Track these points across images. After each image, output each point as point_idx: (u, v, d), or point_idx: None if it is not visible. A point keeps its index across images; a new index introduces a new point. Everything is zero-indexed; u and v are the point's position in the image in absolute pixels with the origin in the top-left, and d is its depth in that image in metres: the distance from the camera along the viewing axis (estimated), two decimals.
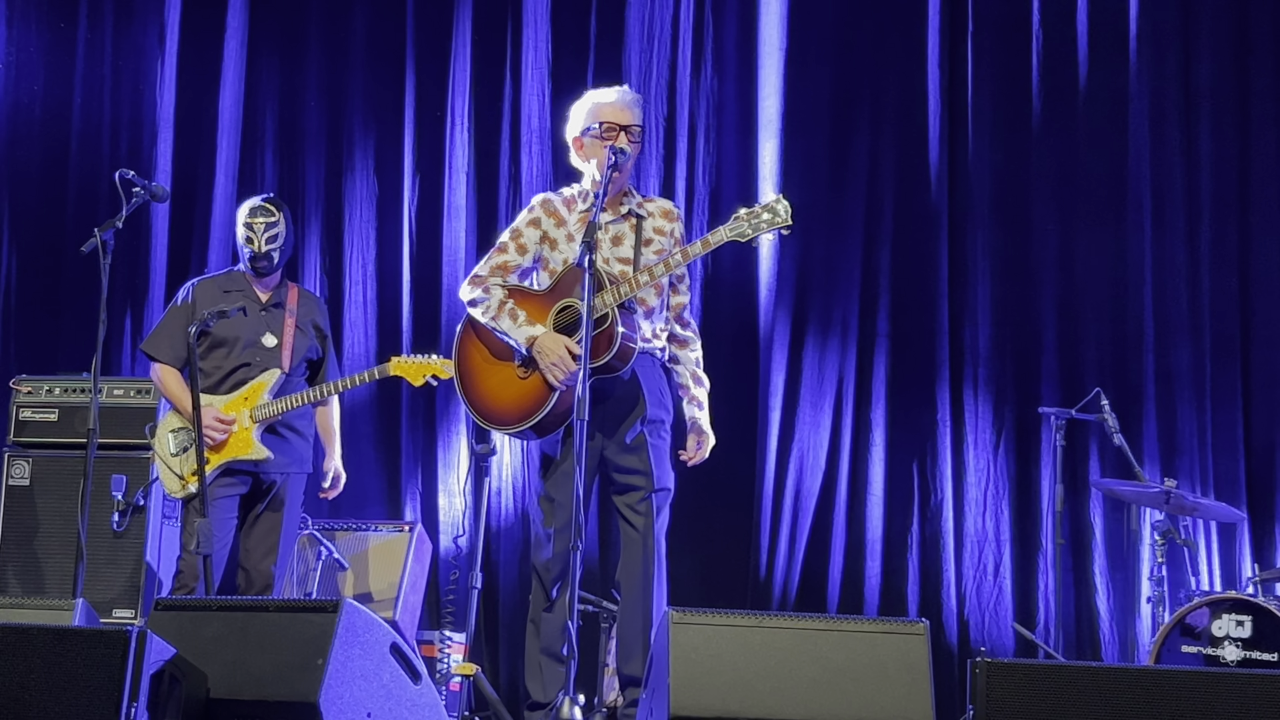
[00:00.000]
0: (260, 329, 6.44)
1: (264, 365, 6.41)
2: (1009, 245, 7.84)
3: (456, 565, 7.56)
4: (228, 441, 6.26)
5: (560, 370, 5.32)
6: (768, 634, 4.19)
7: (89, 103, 8.71)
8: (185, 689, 4.29)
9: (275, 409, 6.36)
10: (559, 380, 5.32)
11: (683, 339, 5.74)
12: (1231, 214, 7.69)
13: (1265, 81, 7.74)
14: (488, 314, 5.54)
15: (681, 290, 5.75)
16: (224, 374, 6.38)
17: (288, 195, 7.72)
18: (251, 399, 6.36)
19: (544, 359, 5.36)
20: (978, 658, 4.11)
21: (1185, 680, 4.06)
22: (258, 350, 6.42)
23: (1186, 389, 7.56)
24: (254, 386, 6.39)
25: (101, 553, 6.84)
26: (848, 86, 8.07)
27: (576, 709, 4.72)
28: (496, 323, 5.51)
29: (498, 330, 5.52)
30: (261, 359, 6.41)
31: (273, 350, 6.44)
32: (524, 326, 5.46)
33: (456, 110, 8.37)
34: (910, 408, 7.76)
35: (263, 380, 6.40)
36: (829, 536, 7.67)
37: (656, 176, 7.94)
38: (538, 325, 5.45)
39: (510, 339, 5.48)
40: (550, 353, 5.36)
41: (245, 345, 6.40)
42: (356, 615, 4.40)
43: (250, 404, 6.34)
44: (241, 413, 6.33)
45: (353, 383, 6.54)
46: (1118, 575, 7.43)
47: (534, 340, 5.41)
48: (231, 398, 6.34)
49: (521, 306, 5.52)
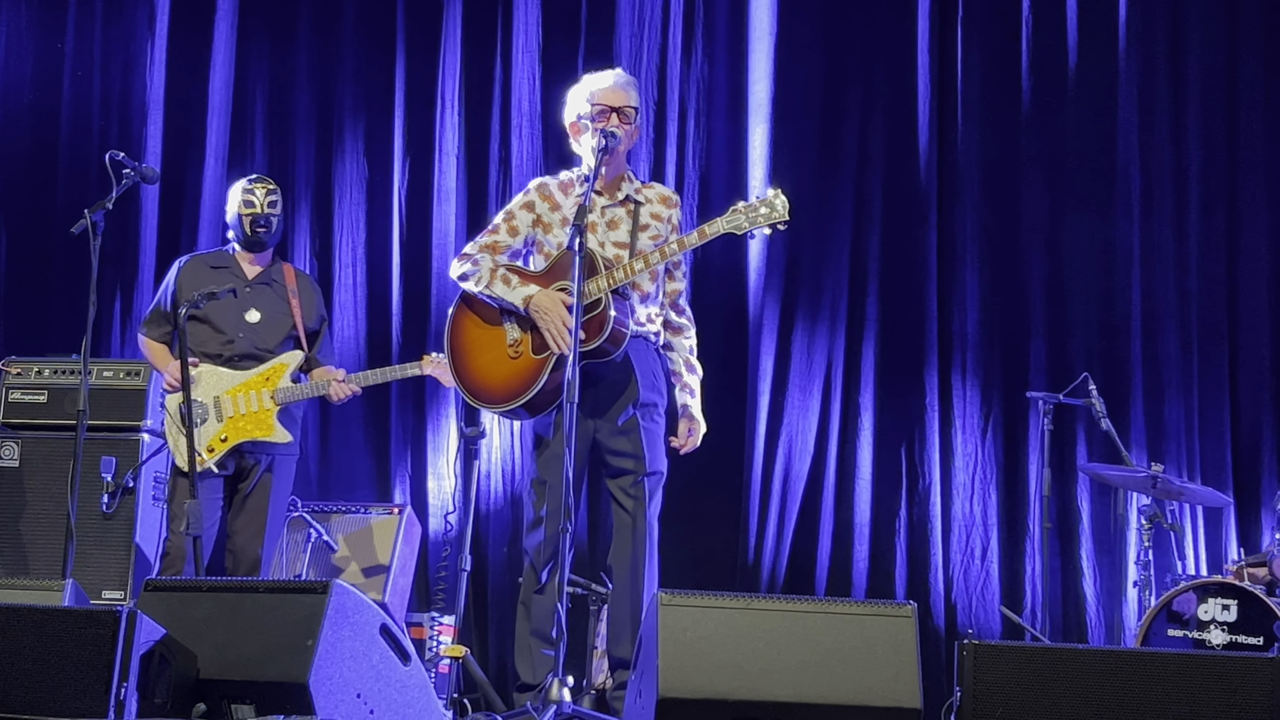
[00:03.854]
0: (245, 305, 6.45)
1: (254, 342, 6.43)
2: (998, 231, 7.85)
3: (446, 547, 7.57)
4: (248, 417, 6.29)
5: (556, 326, 5.31)
6: (756, 616, 4.20)
7: (78, 85, 8.68)
8: (175, 669, 4.30)
9: (297, 393, 6.39)
10: (555, 332, 5.30)
11: (677, 326, 5.76)
12: (1219, 201, 7.72)
13: (1254, 69, 7.76)
14: (480, 283, 5.54)
15: (677, 277, 5.76)
16: (214, 348, 6.38)
17: (277, 177, 7.68)
18: (273, 380, 6.38)
19: (544, 319, 5.35)
20: (965, 640, 4.13)
21: (1171, 663, 4.09)
22: (241, 326, 6.43)
23: (1174, 374, 7.58)
24: (275, 367, 6.42)
25: (91, 534, 6.83)
26: (838, 72, 8.07)
27: (565, 691, 4.73)
28: (490, 289, 5.51)
29: (492, 297, 5.51)
30: (246, 334, 6.42)
31: (257, 326, 6.46)
32: (519, 288, 5.46)
33: (447, 93, 8.36)
34: (899, 392, 7.78)
35: (284, 361, 6.44)
36: (817, 520, 7.69)
37: (646, 161, 7.94)
38: (532, 285, 5.45)
39: (507, 302, 5.48)
40: (549, 311, 5.35)
41: (230, 322, 6.41)
42: (346, 596, 4.41)
43: (271, 385, 6.36)
44: (262, 393, 6.35)
45: (381, 377, 6.60)
46: (1104, 559, 7.46)
47: (529, 299, 5.41)
48: (250, 376, 6.36)
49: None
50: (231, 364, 6.40)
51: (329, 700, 4.25)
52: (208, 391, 6.33)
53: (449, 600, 7.22)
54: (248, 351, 6.45)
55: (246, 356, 6.44)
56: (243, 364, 6.43)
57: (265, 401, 6.34)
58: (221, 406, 6.32)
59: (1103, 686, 4.04)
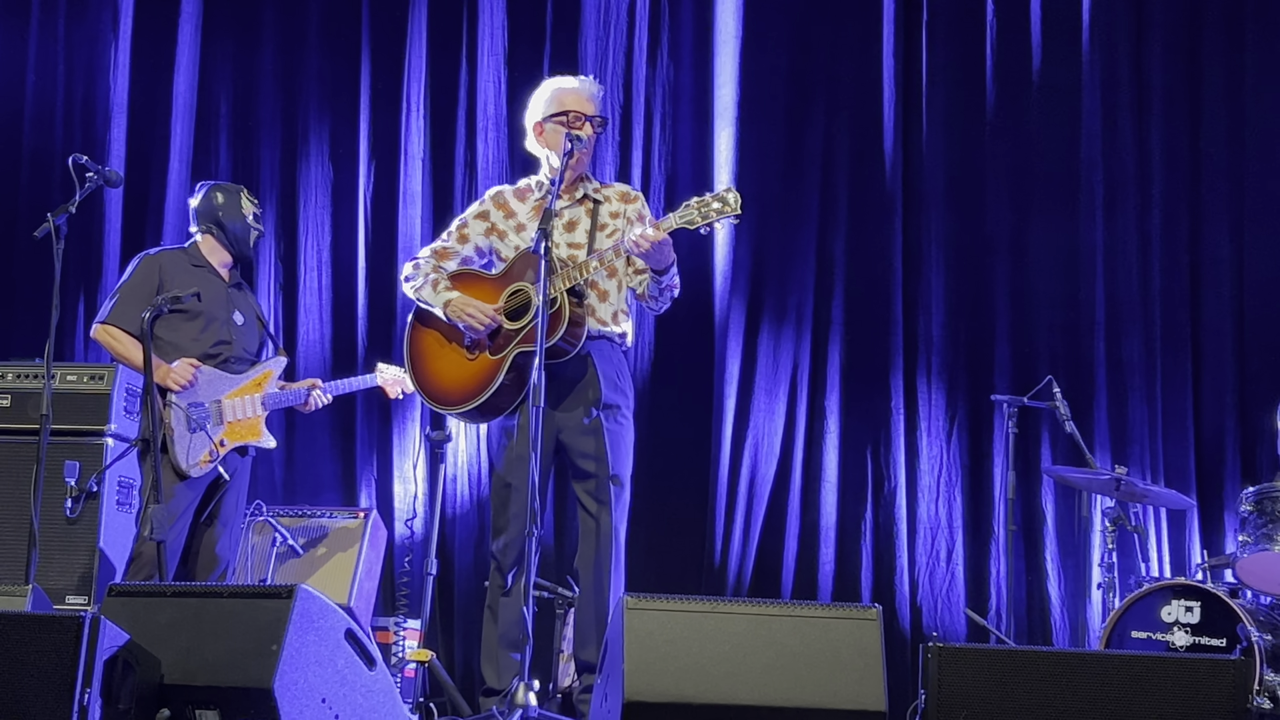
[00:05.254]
0: (230, 306, 6.43)
1: (243, 344, 6.45)
2: (963, 234, 7.88)
3: (409, 552, 7.56)
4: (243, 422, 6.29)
5: (476, 318, 5.43)
6: (722, 619, 4.20)
7: (42, 88, 8.65)
8: (139, 675, 4.28)
9: (282, 400, 6.42)
10: (480, 325, 5.42)
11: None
12: (1182, 204, 7.75)
13: (1216, 73, 7.79)
14: (416, 289, 5.63)
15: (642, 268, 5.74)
16: (205, 348, 6.31)
17: (242, 180, 7.69)
18: (262, 385, 6.38)
19: (463, 316, 5.46)
20: (930, 643, 4.14)
21: (1135, 665, 4.11)
22: (231, 327, 6.40)
23: (1137, 377, 7.62)
24: (265, 374, 6.42)
25: (54, 539, 6.79)
26: (803, 75, 8.09)
27: (531, 695, 4.72)
28: (419, 294, 5.61)
29: (422, 301, 5.60)
30: (236, 336, 6.41)
31: (243, 328, 6.44)
32: (442, 293, 5.55)
33: (412, 96, 8.36)
34: (864, 395, 7.80)
35: (270, 369, 6.44)
36: (783, 523, 7.70)
37: (613, 164, 7.95)
38: (454, 291, 5.55)
39: (431, 306, 5.56)
40: (466, 306, 5.47)
41: (221, 322, 6.37)
42: (311, 601, 4.40)
43: (261, 390, 6.36)
44: (254, 398, 6.34)
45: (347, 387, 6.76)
46: (1069, 561, 7.48)
47: (448, 304, 5.51)
48: (245, 381, 6.35)
49: (473, 288, 5.56)
50: (227, 367, 6.37)
51: (294, 706, 4.23)
52: (210, 395, 6.28)
53: (413, 604, 7.21)
54: (239, 355, 6.44)
55: (238, 360, 6.42)
56: (237, 368, 6.40)
57: (256, 407, 6.34)
58: (223, 410, 6.29)
59: (1067, 689, 4.06)
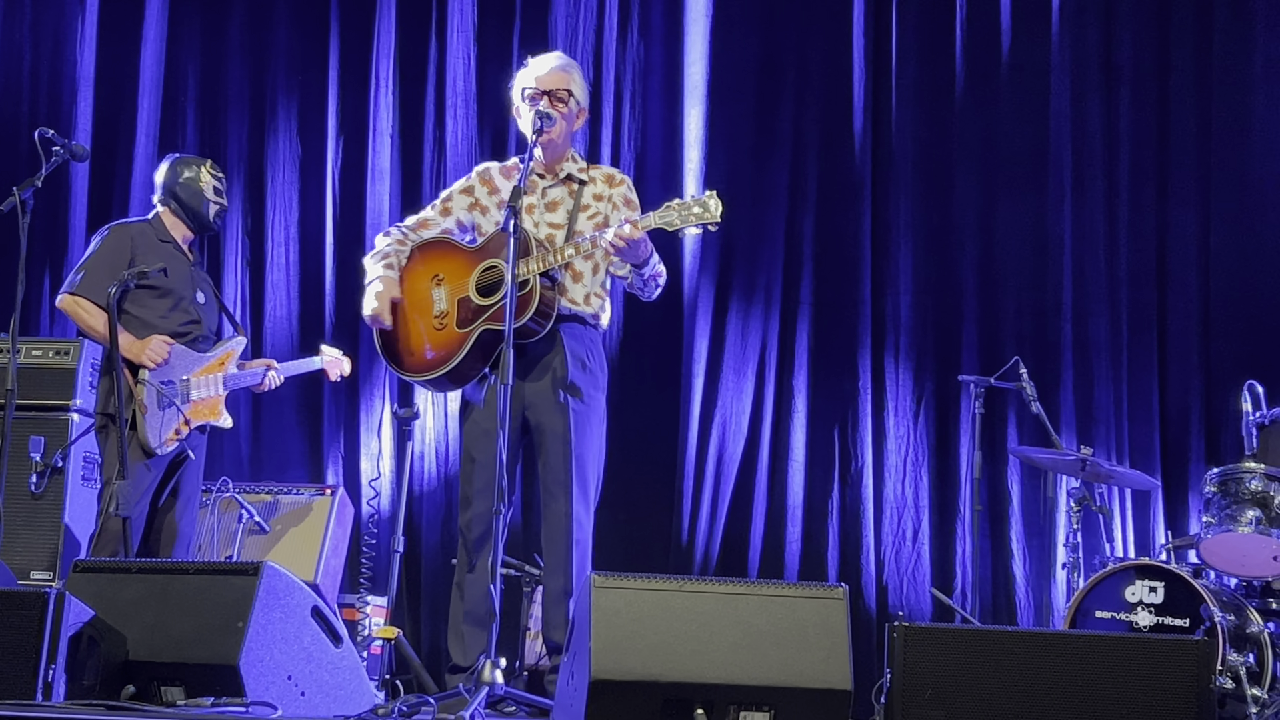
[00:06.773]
0: (194, 285, 6.41)
1: (208, 324, 6.44)
2: (931, 215, 7.90)
3: (375, 528, 7.55)
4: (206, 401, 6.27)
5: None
6: (689, 598, 4.20)
7: (7, 61, 8.59)
8: (104, 651, 4.28)
9: (242, 380, 6.41)
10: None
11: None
12: (1149, 186, 7.78)
13: (1184, 56, 7.81)
14: (371, 257, 5.79)
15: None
16: (175, 326, 6.27)
17: (209, 155, 7.63)
18: (225, 364, 6.36)
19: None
20: (896, 622, 4.16)
21: (1098, 645, 4.13)
22: (196, 306, 6.38)
23: (1104, 358, 7.64)
24: (228, 353, 6.40)
25: (19, 515, 6.76)
26: (773, 55, 8.09)
27: (498, 672, 4.72)
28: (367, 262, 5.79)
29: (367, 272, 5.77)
30: (203, 315, 6.39)
31: (205, 307, 6.41)
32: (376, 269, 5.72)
33: (381, 72, 8.33)
34: (832, 375, 7.81)
35: (231, 350, 6.42)
36: (750, 502, 7.72)
37: (582, 143, 7.92)
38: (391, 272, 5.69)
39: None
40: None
41: (189, 300, 6.34)
42: (277, 578, 4.40)
43: (223, 370, 6.35)
44: (217, 378, 6.32)
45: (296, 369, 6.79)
46: (1034, 541, 7.52)
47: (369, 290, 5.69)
48: (210, 360, 6.33)
49: (448, 259, 5.61)
50: (194, 345, 6.33)
51: (259, 682, 4.23)
52: (179, 372, 6.25)
53: (379, 581, 7.20)
54: (206, 334, 6.41)
55: (204, 339, 6.39)
56: (202, 346, 6.37)
57: (218, 386, 6.32)
58: (190, 388, 6.27)
59: (1031, 668, 4.08)
